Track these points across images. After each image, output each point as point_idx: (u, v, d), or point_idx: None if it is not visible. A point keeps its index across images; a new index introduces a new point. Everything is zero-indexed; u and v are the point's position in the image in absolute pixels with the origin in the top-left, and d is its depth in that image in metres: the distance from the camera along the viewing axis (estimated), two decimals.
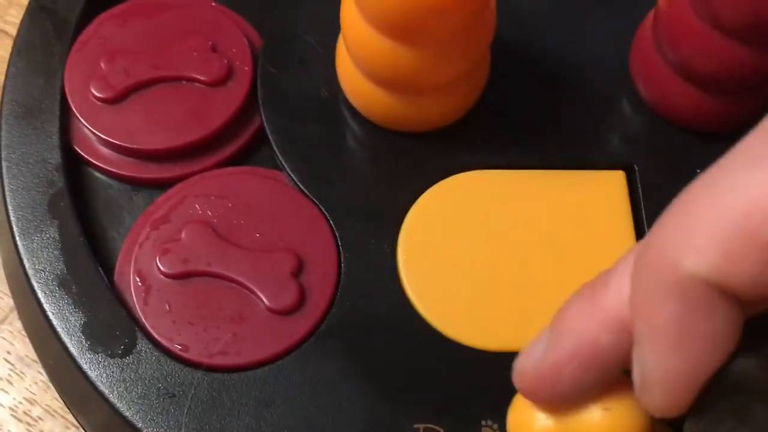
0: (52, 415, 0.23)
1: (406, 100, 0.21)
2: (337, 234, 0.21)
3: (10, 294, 0.23)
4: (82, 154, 0.22)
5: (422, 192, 0.22)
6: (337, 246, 0.21)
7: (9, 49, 0.27)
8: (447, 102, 0.22)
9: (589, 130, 0.23)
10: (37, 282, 0.20)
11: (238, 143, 0.23)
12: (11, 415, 0.23)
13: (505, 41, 0.23)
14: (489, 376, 0.19)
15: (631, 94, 0.23)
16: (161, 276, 0.20)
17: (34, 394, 0.23)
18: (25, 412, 0.23)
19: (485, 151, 0.23)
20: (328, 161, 0.22)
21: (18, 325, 0.23)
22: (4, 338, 0.23)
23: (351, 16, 0.20)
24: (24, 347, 0.23)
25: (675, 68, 0.22)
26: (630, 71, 0.23)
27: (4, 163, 0.22)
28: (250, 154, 0.23)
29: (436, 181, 0.22)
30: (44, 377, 0.23)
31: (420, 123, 0.22)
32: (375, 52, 0.20)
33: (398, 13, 0.18)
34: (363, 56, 0.20)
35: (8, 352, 0.23)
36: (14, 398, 0.23)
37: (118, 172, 0.22)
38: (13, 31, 0.27)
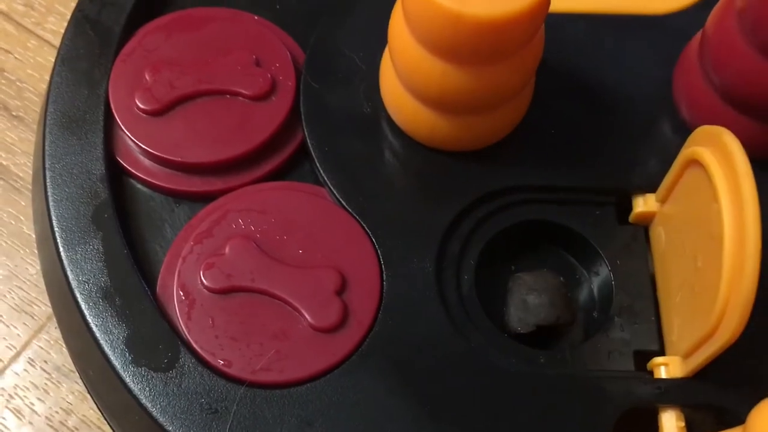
0: (88, 426, 0.23)
1: (451, 119, 0.21)
2: (379, 251, 0.21)
3: (48, 303, 0.23)
4: (125, 165, 0.22)
5: (463, 210, 0.22)
6: (379, 263, 0.21)
7: (47, 56, 0.27)
8: (491, 123, 0.22)
9: (630, 152, 0.23)
10: (80, 293, 0.20)
11: (280, 158, 0.23)
12: (47, 424, 0.23)
13: (549, 63, 0.23)
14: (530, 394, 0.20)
15: (675, 117, 0.23)
16: (205, 290, 0.20)
17: (70, 403, 0.23)
18: (60, 422, 0.23)
19: (525, 171, 0.23)
20: (370, 177, 0.22)
21: (55, 334, 0.23)
22: (41, 347, 0.23)
23: (401, 36, 0.20)
24: (61, 357, 0.23)
25: (720, 93, 0.22)
26: (673, 95, 0.24)
27: (48, 174, 0.22)
28: (292, 168, 0.23)
29: (477, 199, 0.22)
30: (81, 387, 0.23)
31: (463, 142, 0.22)
32: (424, 72, 0.20)
33: (451, 35, 0.18)
34: (411, 75, 0.20)
35: (45, 361, 0.23)
36: (50, 407, 0.23)
37: (160, 184, 0.22)
38: (53, 39, 0.27)
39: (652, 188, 0.23)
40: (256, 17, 0.25)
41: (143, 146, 0.22)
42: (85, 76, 0.23)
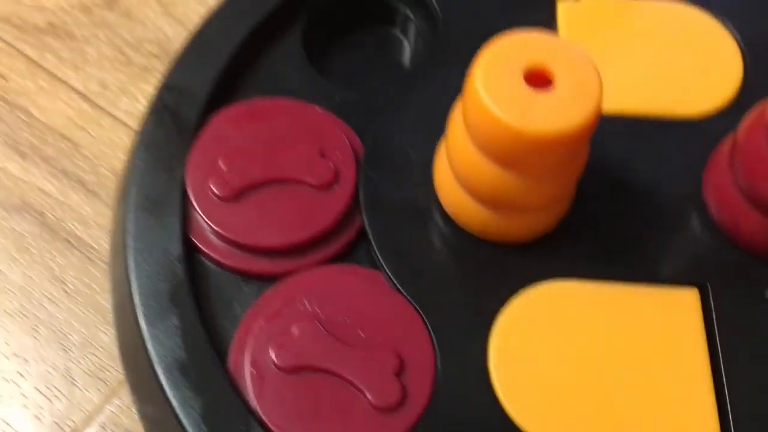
0: None
1: (502, 215, 0.23)
2: (432, 334, 0.23)
3: (120, 370, 0.25)
4: (199, 245, 0.24)
5: (510, 297, 0.24)
6: (433, 346, 0.23)
7: (120, 135, 0.29)
8: (538, 219, 0.24)
9: (664, 247, 0.25)
10: (159, 367, 0.22)
11: (340, 242, 0.25)
12: None
13: (590, 161, 0.25)
14: None
15: (704, 214, 0.25)
16: (275, 368, 0.22)
17: None
18: None
19: (567, 262, 0.24)
20: (423, 263, 0.24)
21: (127, 400, 0.25)
22: (113, 411, 0.25)
23: (459, 138, 0.22)
24: (132, 422, 0.25)
25: (746, 195, 0.24)
26: (702, 193, 0.25)
27: (129, 252, 0.24)
28: (350, 252, 0.25)
29: (523, 288, 0.24)
30: None
31: (512, 236, 0.24)
32: (480, 174, 0.22)
33: (509, 147, 0.20)
34: (467, 175, 0.22)
35: (116, 425, 0.25)
36: None
37: (230, 264, 0.24)
38: (126, 119, 0.30)
39: (686, 282, 0.24)
40: (318, 109, 0.27)
41: (217, 229, 0.24)
42: (164, 161, 0.25)
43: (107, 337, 0.26)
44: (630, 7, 0.29)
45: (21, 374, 0.25)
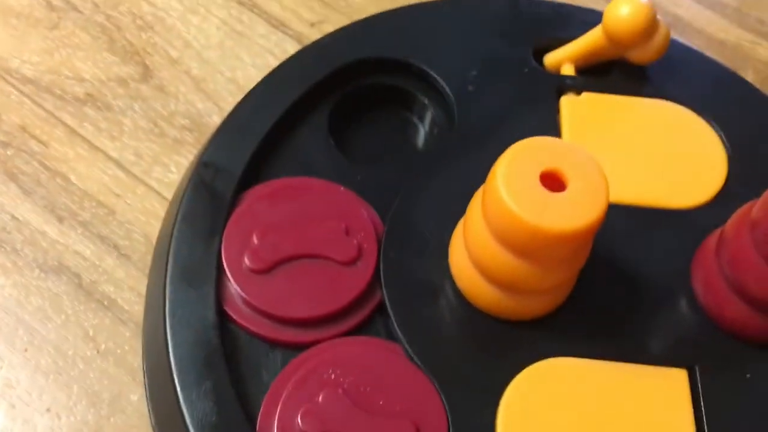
0: None
1: (512, 296, 0.25)
2: (446, 404, 0.25)
3: (148, 429, 0.26)
4: (230, 314, 0.26)
5: (518, 372, 0.26)
6: (447, 415, 0.25)
7: (153, 202, 0.31)
8: (544, 301, 0.26)
9: (656, 328, 0.27)
10: (193, 429, 0.24)
11: (361, 315, 0.27)
12: None
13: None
14: None
15: (692, 300, 0.28)
16: None
17: None
18: None
19: (568, 340, 0.27)
20: (439, 337, 0.26)
21: None
22: None
23: (478, 228, 0.24)
24: None
25: (731, 286, 0.26)
26: (691, 280, 0.28)
27: (168, 320, 0.26)
28: (370, 324, 0.27)
29: (529, 363, 0.26)
30: None
31: (520, 314, 0.26)
32: (496, 260, 0.24)
33: (526, 240, 0.23)
34: (484, 260, 0.25)
35: None
36: None
37: (258, 332, 0.26)
38: (159, 188, 0.32)
39: (675, 363, 0.27)
40: (342, 188, 0.29)
41: (249, 299, 0.26)
42: (201, 233, 0.27)
43: (136, 397, 0.27)
44: (625, 102, 0.32)
45: (54, 430, 0.27)
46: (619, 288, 0.28)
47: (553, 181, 0.23)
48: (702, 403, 0.26)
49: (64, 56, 0.35)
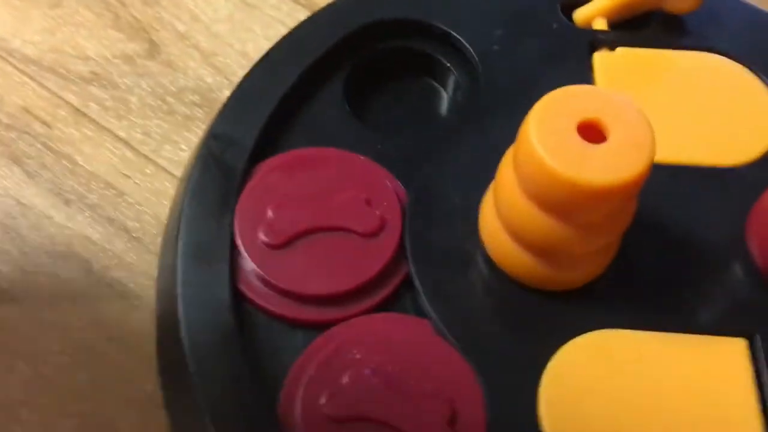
0: None
1: (550, 264, 0.23)
2: (482, 383, 0.23)
3: (164, 419, 0.25)
4: (246, 293, 0.25)
5: (559, 346, 0.24)
6: (483, 395, 0.23)
7: (164, 182, 0.30)
8: (585, 267, 0.24)
9: (710, 296, 0.25)
10: (210, 414, 0.22)
11: (386, 290, 0.25)
12: None
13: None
14: None
15: (750, 264, 0.25)
16: (325, 418, 0.22)
17: None
18: None
19: (613, 311, 0.24)
20: (471, 311, 0.24)
21: None
22: None
23: (509, 189, 0.22)
24: None
25: None
26: (746, 242, 0.26)
27: (180, 300, 0.24)
28: (396, 300, 0.25)
29: (571, 336, 0.24)
30: None
31: (558, 283, 0.24)
32: (532, 224, 0.22)
33: (564, 198, 0.21)
34: (518, 225, 0.23)
35: None
36: None
37: (278, 312, 0.24)
38: (169, 167, 0.30)
39: (734, 333, 0.24)
40: (362, 157, 0.27)
41: (267, 277, 0.24)
42: (211, 209, 0.26)
43: (150, 386, 0.26)
44: (664, 56, 0.30)
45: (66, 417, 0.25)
46: (667, 253, 0.26)
47: (592, 132, 0.21)
48: (765, 374, 0.23)
49: (67, 34, 0.33)
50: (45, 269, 0.28)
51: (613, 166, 0.20)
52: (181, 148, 0.31)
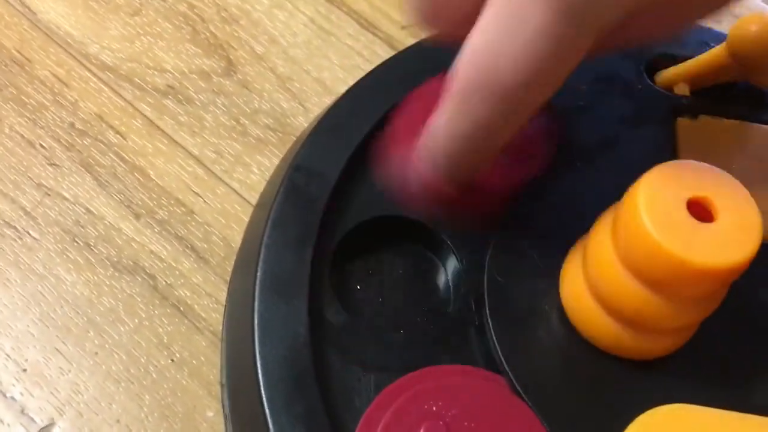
0: None
1: (635, 333, 0.23)
2: None
3: None
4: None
5: (632, 415, 0.24)
6: None
7: (234, 204, 0.30)
8: (669, 340, 0.24)
9: None
10: None
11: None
12: None
13: None
14: None
15: None
16: None
17: None
18: None
19: (689, 385, 0.24)
20: (546, 372, 0.24)
21: None
22: None
23: (605, 257, 0.22)
24: None
25: None
26: None
27: (257, 335, 0.23)
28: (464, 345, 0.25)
29: (646, 408, 0.24)
30: None
31: (639, 353, 0.24)
32: (626, 294, 0.22)
33: (668, 275, 0.20)
34: (609, 292, 0.22)
35: None
36: None
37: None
38: (240, 189, 0.30)
39: None
40: None
41: None
42: (293, 241, 0.25)
43: (212, 414, 0.25)
44: (746, 130, 0.30)
45: None
46: (744, 332, 0.25)
47: (700, 210, 0.21)
48: None
49: (146, 45, 0.33)
50: (110, 282, 0.28)
51: (722, 247, 0.20)
52: (252, 171, 0.30)
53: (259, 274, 0.25)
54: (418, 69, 0.30)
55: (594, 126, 0.29)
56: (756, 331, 0.25)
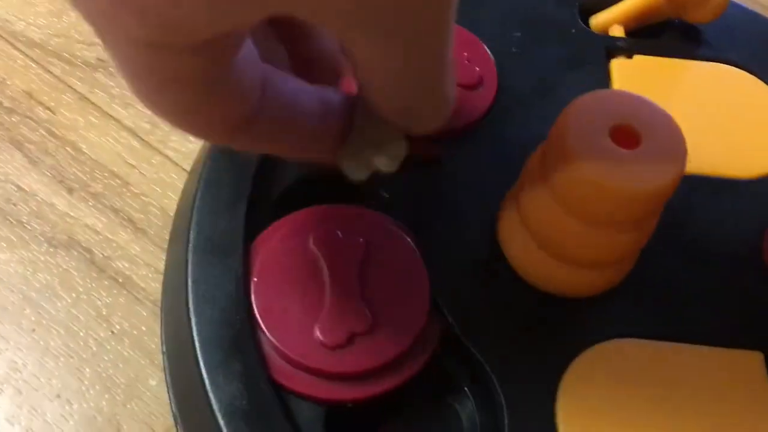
0: None
1: (573, 269, 0.23)
2: (501, 395, 0.22)
3: (169, 417, 0.24)
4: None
5: (577, 354, 0.23)
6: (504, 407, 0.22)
7: (170, 173, 0.29)
8: (606, 274, 0.23)
9: (726, 309, 0.25)
10: (221, 414, 0.21)
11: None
12: None
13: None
14: None
15: (763, 272, 0.25)
16: None
17: None
18: None
19: (630, 320, 0.24)
20: (487, 315, 0.24)
21: None
22: None
23: (537, 194, 0.22)
24: None
25: None
26: (764, 255, 0.26)
27: (191, 297, 0.23)
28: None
29: (588, 345, 0.24)
30: None
31: (578, 291, 0.24)
32: (559, 228, 0.22)
33: (595, 202, 0.20)
34: (543, 228, 0.22)
35: None
36: None
37: None
38: (176, 158, 0.29)
39: (735, 340, 0.24)
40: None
41: None
42: (225, 202, 0.25)
43: (155, 382, 0.25)
44: (680, 66, 0.30)
45: (65, 417, 0.24)
46: (684, 263, 0.25)
47: (624, 137, 0.21)
48: None
49: (73, 19, 0.33)
50: (45, 258, 0.27)
51: (643, 173, 0.20)
52: (188, 139, 0.30)
53: (192, 236, 0.24)
54: None
55: (530, 71, 0.29)
56: (693, 265, 0.25)
